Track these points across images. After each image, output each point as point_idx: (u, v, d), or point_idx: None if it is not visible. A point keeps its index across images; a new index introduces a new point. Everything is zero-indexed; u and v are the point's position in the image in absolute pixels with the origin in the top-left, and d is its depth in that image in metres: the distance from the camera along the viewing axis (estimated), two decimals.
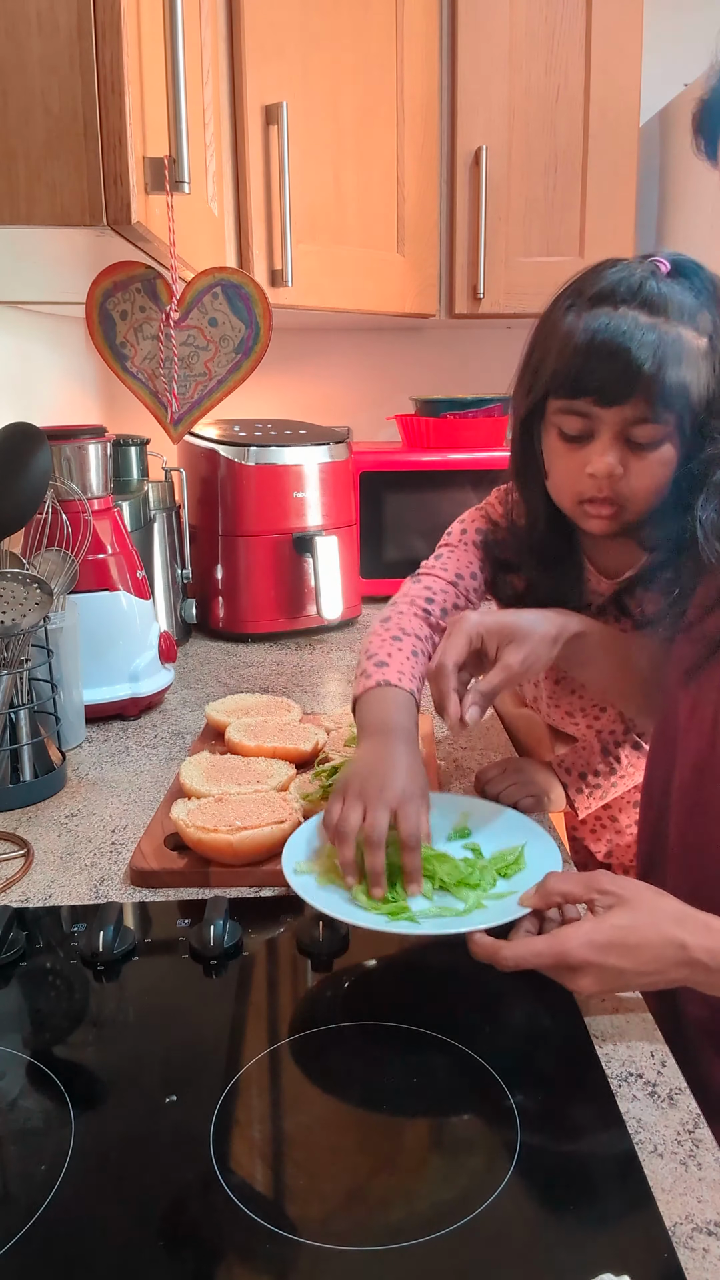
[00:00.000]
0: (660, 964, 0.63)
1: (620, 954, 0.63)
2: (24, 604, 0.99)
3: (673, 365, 0.84)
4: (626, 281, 0.87)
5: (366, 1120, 0.60)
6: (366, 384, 2.28)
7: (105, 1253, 0.50)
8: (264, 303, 1.12)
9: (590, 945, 0.63)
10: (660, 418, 0.86)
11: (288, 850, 0.82)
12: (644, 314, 0.85)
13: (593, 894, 0.66)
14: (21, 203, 0.78)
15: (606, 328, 0.85)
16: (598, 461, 0.88)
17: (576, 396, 0.88)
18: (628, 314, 0.85)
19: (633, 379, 0.84)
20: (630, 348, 0.84)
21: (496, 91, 1.82)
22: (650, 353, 0.84)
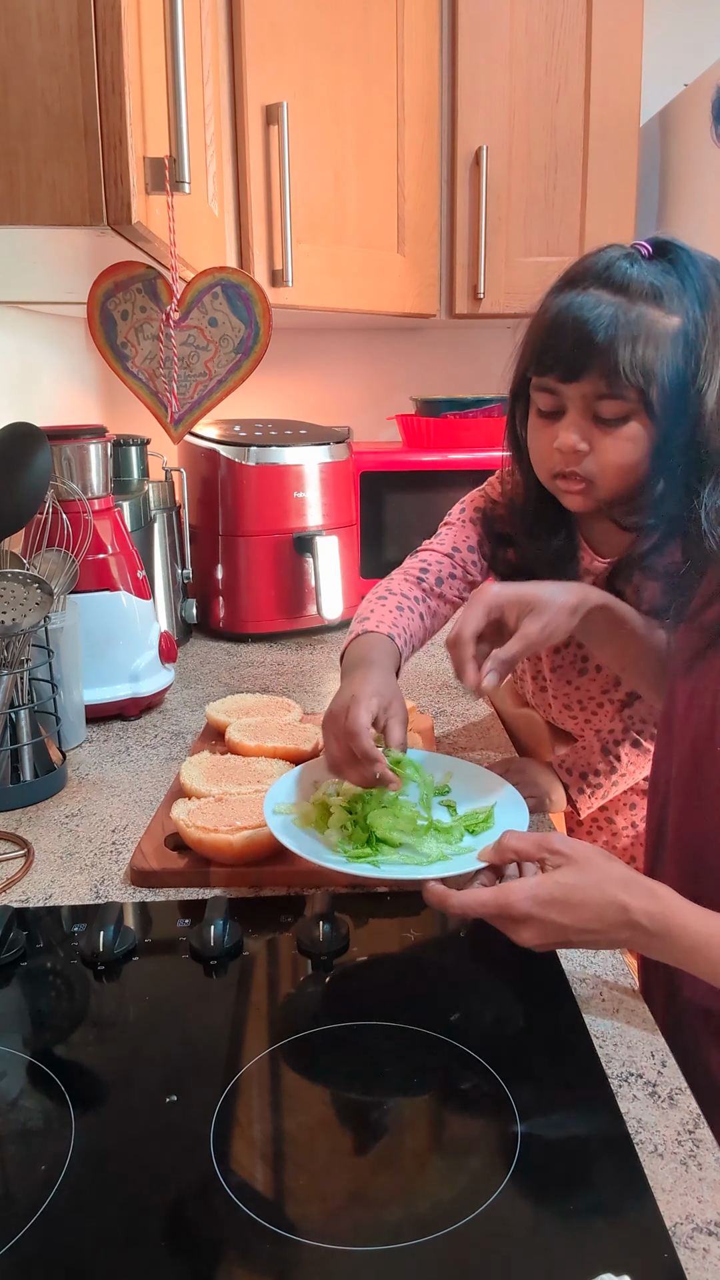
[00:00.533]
0: (602, 923, 0.65)
1: (562, 910, 0.64)
2: (24, 604, 0.99)
3: (630, 341, 0.87)
4: (597, 263, 0.91)
5: (367, 1120, 0.60)
6: (367, 384, 2.28)
7: (105, 1253, 0.50)
8: (264, 303, 1.12)
9: (533, 899, 0.65)
10: (622, 393, 0.88)
11: (271, 792, 0.87)
12: (606, 292, 0.89)
13: (544, 853, 0.68)
14: (22, 203, 0.78)
15: (569, 306, 0.89)
16: (562, 436, 0.92)
17: (543, 373, 0.92)
18: (590, 293, 0.89)
19: (589, 353, 0.88)
20: (586, 323, 0.88)
21: (497, 91, 1.82)
22: (605, 328, 0.87)
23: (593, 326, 0.87)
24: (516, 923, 0.66)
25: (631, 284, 0.88)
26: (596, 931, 0.65)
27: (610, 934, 0.65)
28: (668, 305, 0.88)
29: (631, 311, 0.87)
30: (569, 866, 0.66)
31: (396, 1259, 0.49)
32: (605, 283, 0.89)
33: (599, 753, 1.07)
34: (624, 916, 0.64)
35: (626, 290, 0.88)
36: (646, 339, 0.87)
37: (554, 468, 0.95)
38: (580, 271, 0.92)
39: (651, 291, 0.88)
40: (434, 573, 1.09)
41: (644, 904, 0.64)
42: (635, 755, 1.07)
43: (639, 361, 0.87)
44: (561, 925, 0.65)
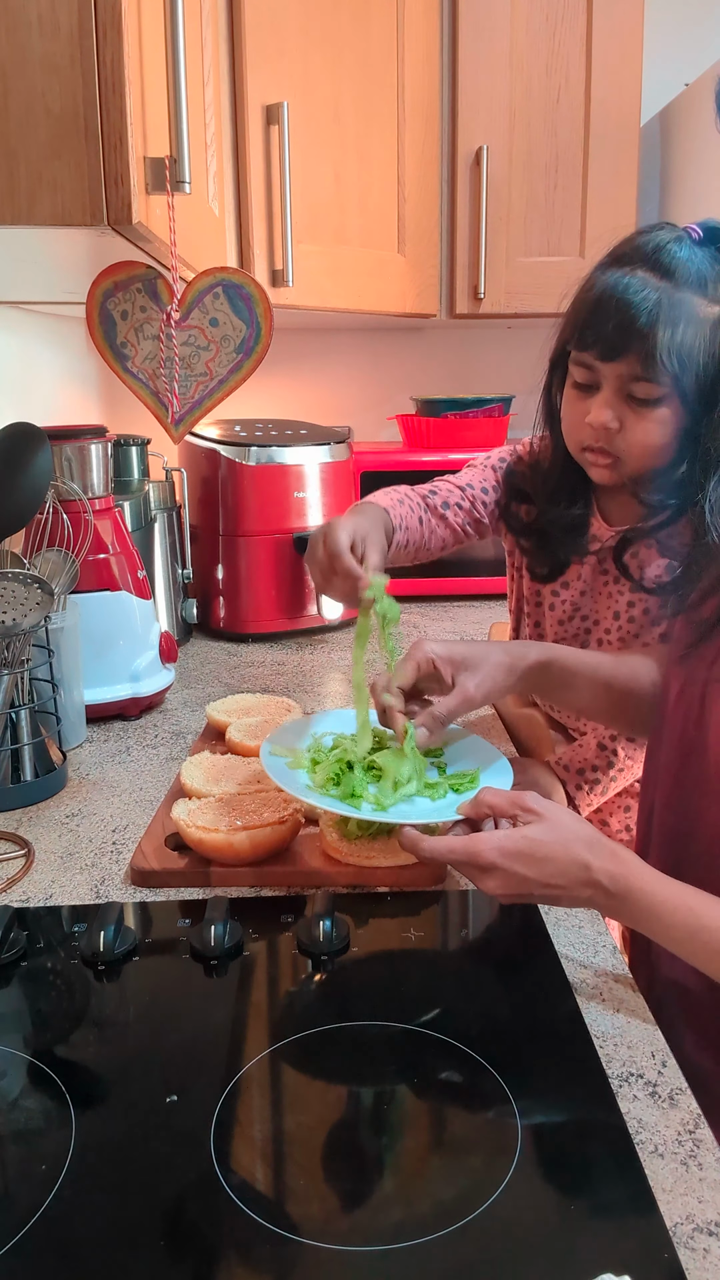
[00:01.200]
0: (565, 880, 0.67)
1: (526, 863, 0.67)
2: (25, 604, 0.99)
3: (671, 326, 0.88)
4: (647, 244, 0.92)
5: (367, 1120, 0.60)
6: (367, 384, 2.28)
7: (106, 1252, 0.50)
8: (265, 303, 1.12)
9: (500, 850, 0.67)
10: (657, 377, 0.90)
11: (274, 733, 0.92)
12: (654, 275, 0.90)
13: (517, 810, 0.71)
14: (22, 203, 0.78)
15: (615, 285, 0.91)
16: (595, 412, 0.95)
17: (583, 349, 0.94)
18: (637, 274, 0.90)
19: (629, 335, 0.90)
20: (630, 305, 0.89)
21: (497, 91, 1.82)
22: (649, 312, 0.89)
23: (636, 308, 0.89)
24: (482, 871, 0.68)
25: (679, 269, 0.89)
26: (559, 887, 0.67)
27: (572, 891, 0.68)
28: (712, 293, 0.89)
29: (676, 296, 0.89)
30: (539, 823, 0.69)
31: (397, 1259, 0.49)
32: (653, 265, 0.90)
33: (595, 749, 1.08)
34: (586, 875, 0.67)
35: (673, 275, 0.89)
36: (688, 325, 0.89)
37: (584, 441, 0.98)
38: (629, 250, 0.92)
39: (698, 278, 0.89)
40: (441, 496, 1.13)
41: (606, 864, 0.67)
42: (631, 750, 1.07)
43: (678, 347, 0.89)
44: (524, 877, 0.67)
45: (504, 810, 0.72)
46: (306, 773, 0.88)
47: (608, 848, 0.68)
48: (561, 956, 0.74)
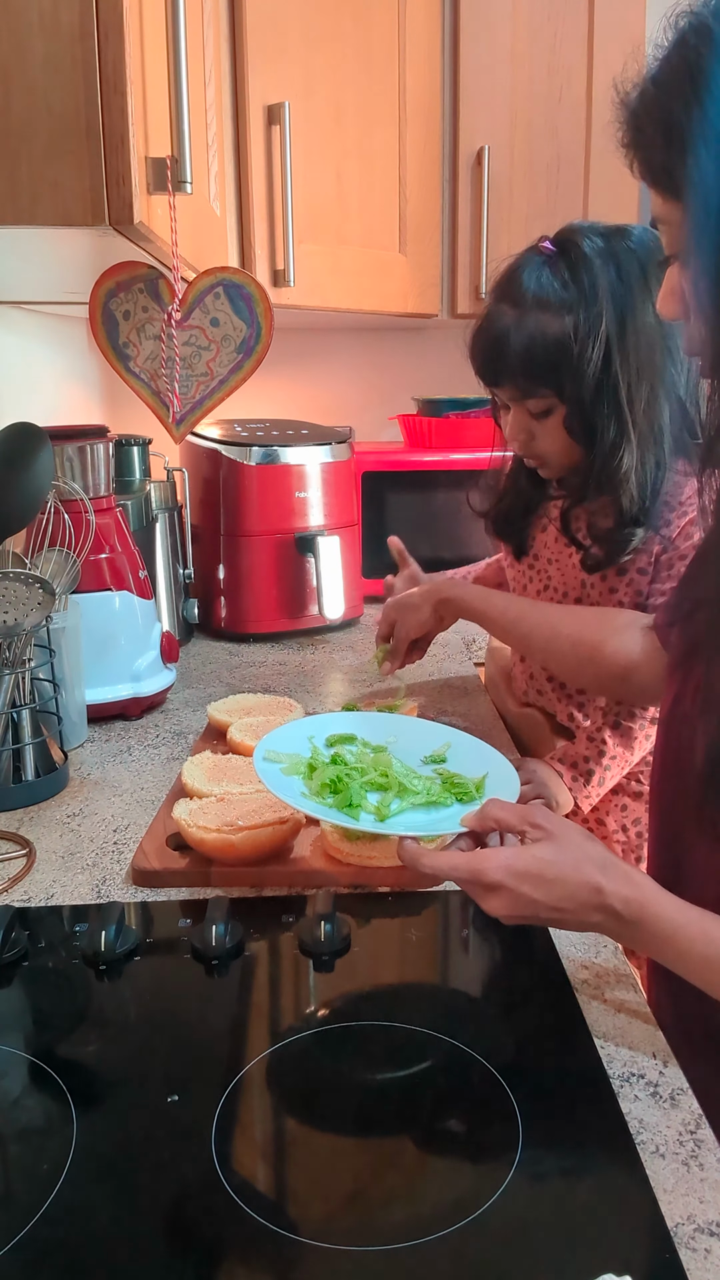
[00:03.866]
0: (574, 903, 0.64)
1: (535, 884, 0.64)
2: (26, 604, 0.99)
3: (527, 350, 1.00)
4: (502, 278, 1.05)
5: (368, 1120, 0.60)
6: (369, 384, 2.28)
7: (107, 1252, 0.50)
8: (265, 302, 1.12)
9: (507, 869, 0.64)
10: (535, 393, 1.03)
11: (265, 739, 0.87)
12: (505, 305, 1.02)
13: (525, 826, 0.67)
14: (24, 203, 0.78)
15: (481, 320, 1.05)
16: (507, 431, 1.11)
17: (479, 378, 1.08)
18: (493, 310, 1.04)
19: (498, 366, 1.04)
20: (490, 339, 1.03)
21: (499, 91, 1.82)
22: (507, 341, 1.01)
23: (496, 341, 1.02)
24: (487, 890, 0.65)
25: (527, 294, 1.00)
26: (567, 911, 0.64)
27: (581, 915, 0.64)
28: (560, 308, 0.99)
29: (525, 322, 1.00)
30: (548, 841, 0.66)
31: (397, 1259, 0.49)
32: (504, 296, 1.03)
33: (585, 741, 1.09)
34: (597, 899, 0.63)
35: (522, 302, 1.01)
36: (544, 344, 1.00)
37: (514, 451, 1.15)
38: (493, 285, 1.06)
39: (537, 299, 1.00)
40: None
41: (620, 889, 0.63)
42: (618, 737, 1.09)
43: (539, 365, 1.00)
44: (532, 899, 0.64)
45: (512, 825, 0.68)
46: (303, 779, 0.83)
47: (621, 870, 0.65)
48: (562, 956, 0.74)
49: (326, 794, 0.80)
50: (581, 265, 1.00)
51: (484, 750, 0.93)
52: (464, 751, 0.93)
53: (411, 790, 0.81)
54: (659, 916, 0.63)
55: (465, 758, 0.91)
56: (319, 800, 0.79)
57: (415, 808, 0.80)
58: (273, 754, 0.84)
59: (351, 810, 0.78)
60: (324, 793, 0.80)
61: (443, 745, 0.93)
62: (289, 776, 0.82)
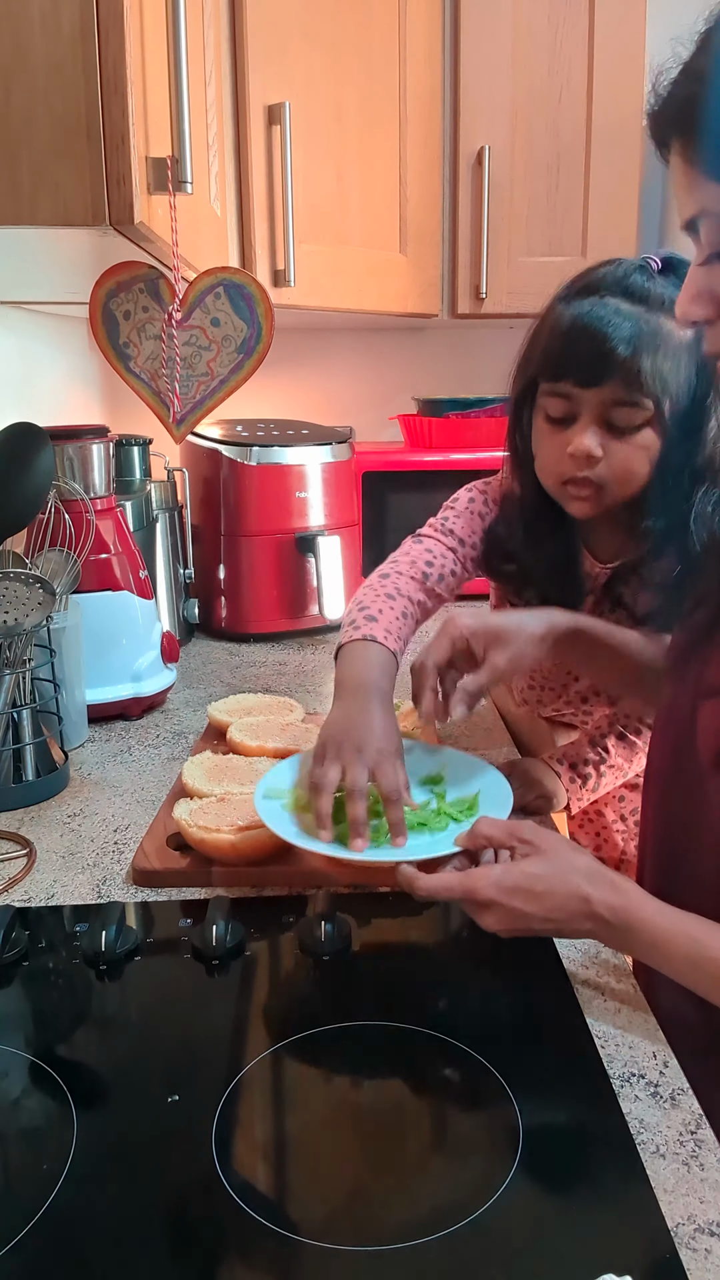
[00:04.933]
0: (565, 913, 0.66)
1: (525, 898, 0.66)
2: (27, 604, 0.99)
3: (650, 351, 0.89)
4: (613, 274, 0.92)
5: (368, 1120, 0.60)
6: (369, 384, 2.28)
7: (107, 1252, 0.50)
8: (266, 303, 1.12)
9: (497, 886, 0.67)
10: (638, 401, 0.90)
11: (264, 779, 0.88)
12: (626, 302, 0.90)
13: (514, 841, 0.70)
14: (25, 203, 0.78)
15: (589, 314, 0.91)
16: (578, 441, 0.93)
17: (559, 379, 0.93)
18: (610, 302, 0.91)
19: (610, 361, 0.89)
20: (608, 332, 0.89)
21: (499, 91, 1.82)
22: (628, 337, 0.89)
23: (616, 333, 0.89)
24: (481, 908, 0.68)
25: (651, 295, 0.90)
26: (558, 921, 0.67)
27: (572, 924, 0.67)
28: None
29: (652, 321, 0.89)
30: (536, 856, 0.69)
31: (398, 1259, 0.49)
32: (624, 292, 0.91)
33: (587, 744, 1.09)
34: (585, 908, 0.66)
35: (646, 301, 0.90)
36: (665, 350, 0.89)
37: (565, 474, 0.95)
38: (595, 280, 0.93)
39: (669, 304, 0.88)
40: (438, 568, 1.07)
41: (606, 896, 0.66)
42: (622, 748, 1.08)
43: (658, 371, 0.89)
44: (524, 913, 0.67)
45: (501, 841, 0.72)
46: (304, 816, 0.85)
47: (607, 879, 0.67)
48: (563, 956, 0.74)
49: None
50: None
51: (478, 766, 0.93)
52: (460, 770, 0.93)
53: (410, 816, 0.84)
54: (645, 921, 0.66)
55: (461, 776, 0.92)
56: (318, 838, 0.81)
57: (413, 830, 0.83)
58: (273, 791, 0.87)
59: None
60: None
61: (439, 766, 0.93)
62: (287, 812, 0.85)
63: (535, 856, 0.69)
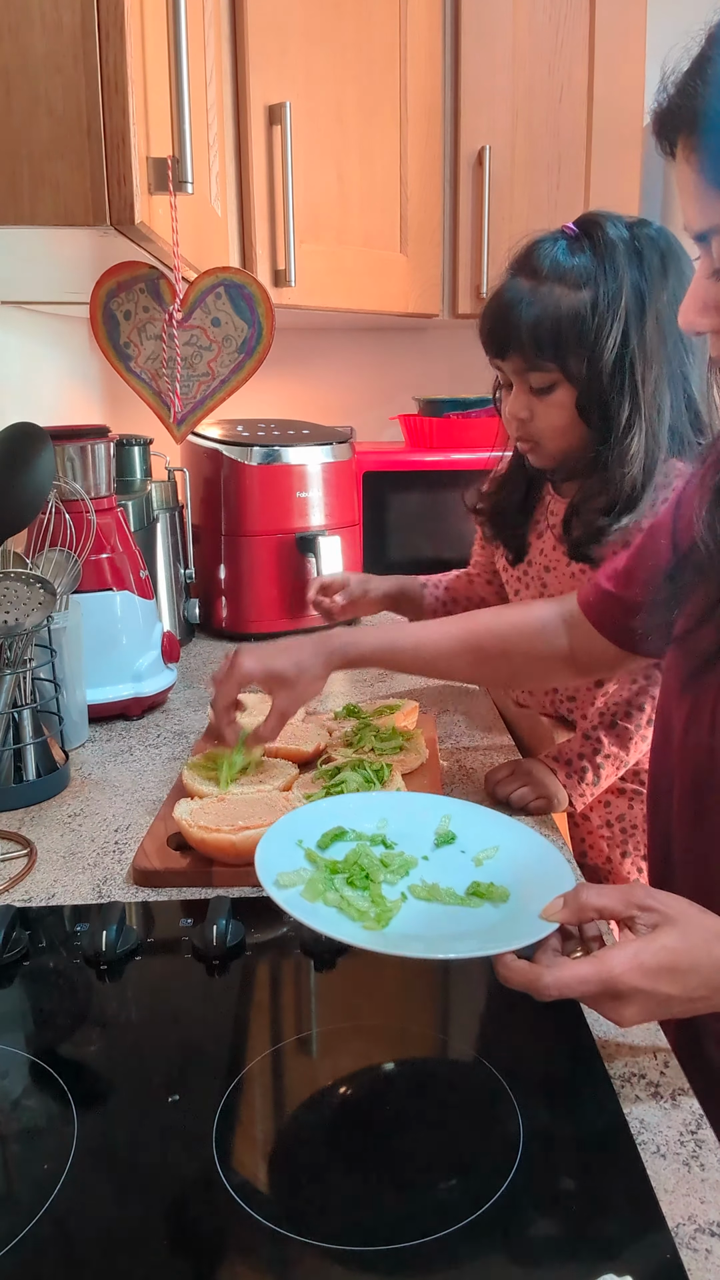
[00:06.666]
0: (708, 989, 0.57)
1: (671, 980, 0.56)
2: (27, 604, 0.99)
3: (535, 320, 1.02)
4: (522, 252, 1.06)
5: (368, 1120, 0.60)
6: (369, 384, 2.28)
7: (108, 1252, 0.50)
8: (267, 303, 1.12)
9: (641, 969, 0.55)
10: (540, 365, 1.04)
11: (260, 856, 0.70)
12: (522, 278, 1.04)
13: (633, 910, 0.58)
14: (25, 203, 0.78)
15: (495, 292, 1.06)
16: (506, 407, 1.12)
17: (487, 353, 1.10)
18: (511, 281, 1.05)
19: (507, 335, 1.05)
20: (502, 307, 1.04)
21: (500, 91, 1.82)
22: (516, 309, 1.03)
23: (506, 308, 1.03)
24: (620, 999, 0.56)
25: (544, 267, 1.03)
26: (702, 999, 0.57)
27: (714, 999, 0.58)
28: (578, 282, 1.02)
29: (540, 292, 1.02)
30: (668, 926, 0.57)
31: (398, 1259, 0.49)
32: (522, 268, 1.05)
33: (580, 739, 1.09)
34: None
35: (538, 273, 1.03)
36: (556, 316, 1.01)
37: (510, 433, 1.14)
38: (512, 260, 1.07)
39: (556, 273, 1.02)
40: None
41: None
42: (613, 737, 1.08)
43: (548, 336, 1.02)
44: (668, 996, 0.56)
45: (617, 912, 0.59)
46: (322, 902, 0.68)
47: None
48: None
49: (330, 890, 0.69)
50: (604, 245, 1.03)
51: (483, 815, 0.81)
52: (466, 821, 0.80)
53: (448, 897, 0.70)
54: None
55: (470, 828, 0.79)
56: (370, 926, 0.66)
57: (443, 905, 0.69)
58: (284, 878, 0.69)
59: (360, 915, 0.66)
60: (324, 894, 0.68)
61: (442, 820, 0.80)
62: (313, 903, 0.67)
63: (668, 926, 0.57)
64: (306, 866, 0.72)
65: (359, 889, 0.70)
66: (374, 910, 0.67)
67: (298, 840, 0.75)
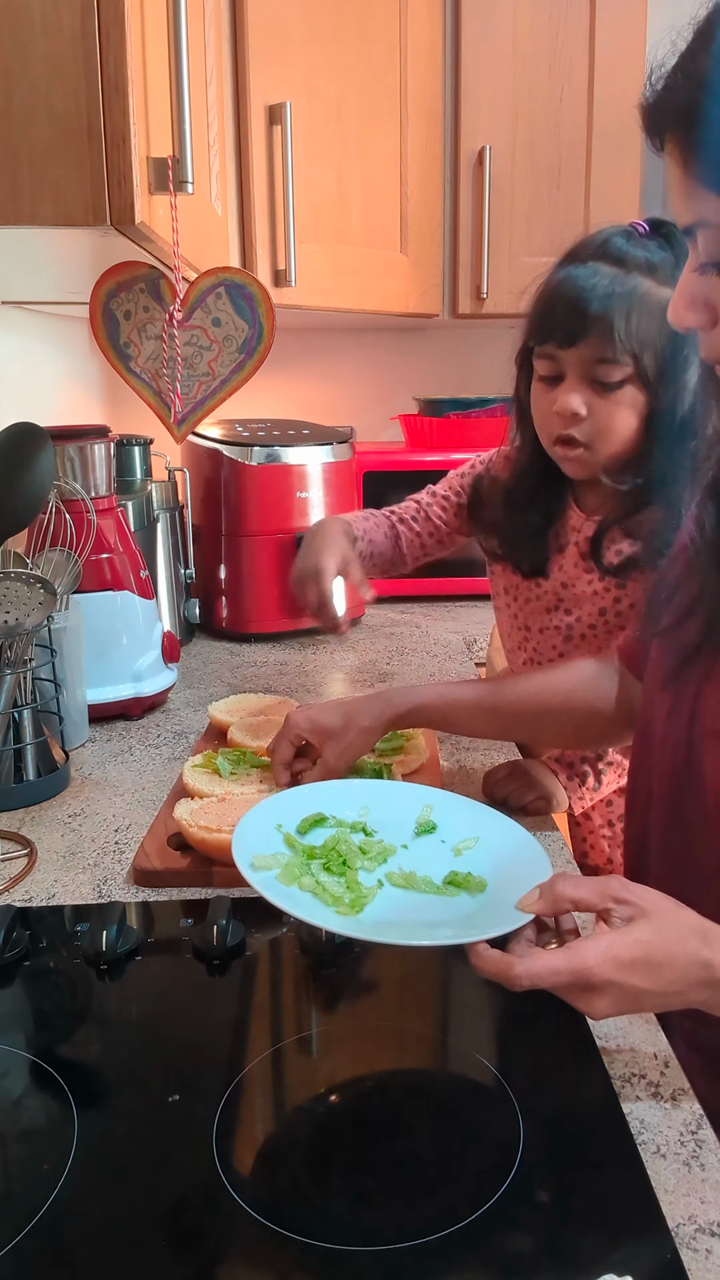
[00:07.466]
0: (683, 984, 0.57)
1: (644, 973, 0.56)
2: (28, 604, 0.99)
3: (625, 309, 0.94)
4: (596, 240, 0.98)
5: (368, 1120, 0.60)
6: (370, 384, 2.28)
7: (108, 1252, 0.50)
8: (267, 302, 1.12)
9: (614, 962, 0.55)
10: (618, 358, 0.94)
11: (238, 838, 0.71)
12: (605, 264, 0.95)
13: (608, 902, 0.58)
14: (25, 203, 0.78)
15: (569, 276, 0.97)
16: (562, 400, 0.98)
17: (545, 340, 0.98)
18: (589, 265, 0.96)
19: (586, 320, 0.94)
20: (583, 291, 0.95)
21: (500, 91, 1.82)
22: (603, 296, 0.94)
23: (590, 294, 0.94)
24: (592, 990, 0.56)
25: (627, 257, 0.95)
26: (674, 994, 0.57)
27: (687, 994, 0.57)
28: (661, 278, 0.94)
29: (628, 282, 0.94)
30: (643, 919, 0.57)
31: (398, 1259, 0.49)
32: (602, 255, 0.96)
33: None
34: (706, 974, 0.57)
35: (623, 262, 0.95)
36: (642, 308, 0.93)
37: (554, 431, 1.00)
38: (579, 247, 0.98)
39: (646, 264, 0.95)
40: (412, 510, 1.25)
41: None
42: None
43: (634, 329, 0.93)
44: (641, 990, 0.56)
45: (592, 904, 0.59)
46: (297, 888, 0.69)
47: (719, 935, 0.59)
48: None
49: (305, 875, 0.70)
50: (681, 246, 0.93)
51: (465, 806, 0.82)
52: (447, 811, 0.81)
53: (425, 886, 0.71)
54: None
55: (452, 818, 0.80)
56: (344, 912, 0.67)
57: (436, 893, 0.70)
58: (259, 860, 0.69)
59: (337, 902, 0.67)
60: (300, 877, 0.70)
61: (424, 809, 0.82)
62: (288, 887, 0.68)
63: (642, 920, 0.57)
64: (284, 851, 0.73)
65: (335, 874, 0.71)
66: (349, 896, 0.68)
67: (277, 824, 0.76)
